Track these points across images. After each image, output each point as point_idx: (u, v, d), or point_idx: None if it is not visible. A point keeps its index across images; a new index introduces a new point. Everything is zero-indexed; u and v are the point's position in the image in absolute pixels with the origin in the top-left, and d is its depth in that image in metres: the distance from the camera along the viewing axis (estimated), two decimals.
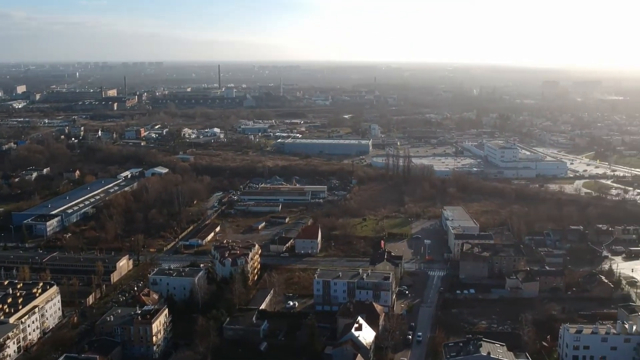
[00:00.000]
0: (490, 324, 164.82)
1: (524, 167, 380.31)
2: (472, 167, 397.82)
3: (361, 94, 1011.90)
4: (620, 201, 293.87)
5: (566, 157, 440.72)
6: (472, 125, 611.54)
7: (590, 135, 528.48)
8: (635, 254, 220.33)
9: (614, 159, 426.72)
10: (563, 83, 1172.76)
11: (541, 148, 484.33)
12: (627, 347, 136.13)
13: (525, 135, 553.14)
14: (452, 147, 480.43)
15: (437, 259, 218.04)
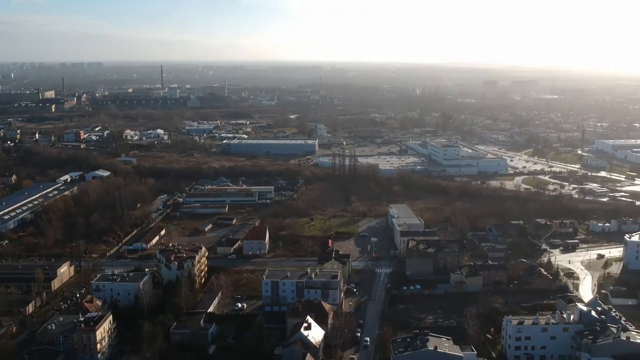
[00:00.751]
0: (436, 318, 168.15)
1: (466, 164, 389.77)
2: (416, 165, 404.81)
3: (307, 94, 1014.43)
4: (557, 196, 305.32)
5: (506, 154, 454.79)
6: (416, 125, 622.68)
7: (528, 133, 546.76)
8: (571, 247, 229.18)
9: (550, 155, 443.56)
10: (502, 83, 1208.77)
11: (482, 146, 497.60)
12: (566, 336, 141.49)
13: (467, 134, 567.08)
14: (396, 146, 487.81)
15: (384, 257, 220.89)
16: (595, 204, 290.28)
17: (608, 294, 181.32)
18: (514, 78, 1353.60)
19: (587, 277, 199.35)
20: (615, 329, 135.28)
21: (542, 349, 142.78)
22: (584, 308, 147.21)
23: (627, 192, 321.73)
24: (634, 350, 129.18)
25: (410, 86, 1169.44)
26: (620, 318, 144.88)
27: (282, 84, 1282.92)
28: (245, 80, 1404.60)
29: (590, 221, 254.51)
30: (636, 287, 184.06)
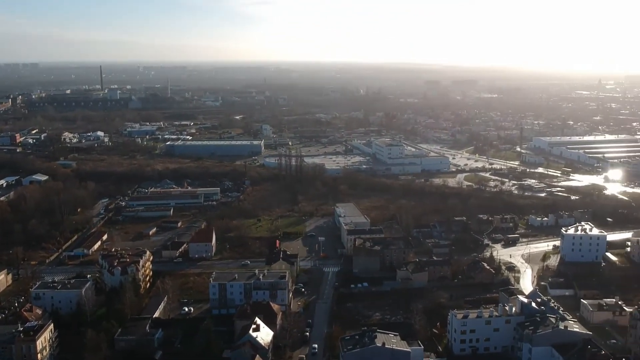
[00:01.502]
0: (383, 315, 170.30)
1: (410, 163, 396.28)
2: (362, 164, 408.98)
3: (251, 94, 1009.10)
4: (497, 192, 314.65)
5: (448, 152, 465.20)
6: (360, 124, 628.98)
7: (469, 132, 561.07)
8: (512, 241, 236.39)
9: (491, 153, 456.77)
10: (443, 82, 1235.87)
11: (425, 144, 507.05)
12: (508, 327, 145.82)
13: (410, 133, 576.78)
14: (342, 146, 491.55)
15: (332, 256, 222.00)
16: (533, 199, 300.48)
17: (547, 285, 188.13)
18: (455, 78, 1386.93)
19: (527, 270, 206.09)
20: (554, 319, 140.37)
21: (486, 341, 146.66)
22: (524, 300, 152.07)
23: (563, 187, 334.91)
24: (572, 338, 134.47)
25: (354, 86, 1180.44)
26: (558, 308, 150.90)
27: (226, 84, 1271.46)
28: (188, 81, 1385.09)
29: (529, 216, 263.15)
30: (573, 278, 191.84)
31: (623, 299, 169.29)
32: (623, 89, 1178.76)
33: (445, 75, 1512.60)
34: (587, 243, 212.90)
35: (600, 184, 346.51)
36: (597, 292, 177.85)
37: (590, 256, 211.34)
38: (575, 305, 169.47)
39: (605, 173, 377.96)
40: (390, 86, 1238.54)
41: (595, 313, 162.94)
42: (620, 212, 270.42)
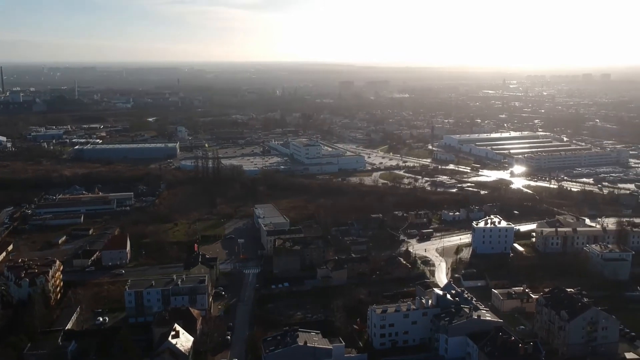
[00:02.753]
0: (305, 314, 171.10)
1: (327, 162, 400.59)
2: (280, 165, 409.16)
3: (165, 95, 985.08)
4: (411, 189, 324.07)
5: (364, 151, 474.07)
6: (277, 125, 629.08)
7: (383, 131, 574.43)
8: (426, 236, 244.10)
9: (404, 151, 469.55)
10: (357, 83, 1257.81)
11: (341, 144, 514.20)
12: (425, 320, 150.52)
13: (327, 133, 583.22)
14: (259, 147, 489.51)
15: (252, 257, 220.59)
16: (445, 195, 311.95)
17: (460, 277, 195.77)
18: (369, 78, 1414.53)
19: (442, 263, 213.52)
20: (468, 310, 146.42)
21: (404, 334, 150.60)
22: (440, 292, 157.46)
23: (472, 183, 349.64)
24: (484, 327, 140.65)
25: (271, 87, 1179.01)
26: (471, 299, 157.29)
27: (139, 85, 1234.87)
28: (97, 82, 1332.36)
29: (442, 211, 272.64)
30: (484, 270, 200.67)
31: (530, 287, 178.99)
32: (525, 88, 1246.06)
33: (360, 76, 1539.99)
34: (497, 235, 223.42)
35: (507, 179, 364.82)
36: (506, 282, 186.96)
37: (499, 248, 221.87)
38: (487, 295, 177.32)
39: (511, 168, 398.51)
40: (307, 87, 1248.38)
41: (505, 301, 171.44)
42: (525, 204, 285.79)
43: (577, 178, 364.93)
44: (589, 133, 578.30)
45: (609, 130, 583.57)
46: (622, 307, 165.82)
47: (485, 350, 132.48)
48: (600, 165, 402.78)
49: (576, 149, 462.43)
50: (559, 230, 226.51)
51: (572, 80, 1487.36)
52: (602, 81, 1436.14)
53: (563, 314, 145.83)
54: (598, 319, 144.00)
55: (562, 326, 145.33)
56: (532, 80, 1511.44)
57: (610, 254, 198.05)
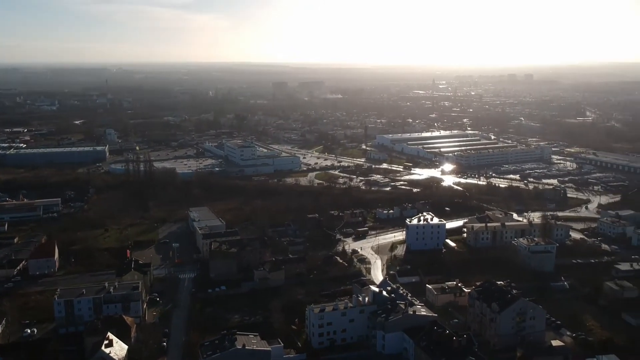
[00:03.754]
0: (243, 316, 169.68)
1: (262, 163, 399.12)
2: (214, 167, 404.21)
3: (92, 97, 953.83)
4: (346, 188, 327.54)
5: (299, 152, 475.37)
6: (211, 127, 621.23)
7: (318, 131, 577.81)
8: (362, 234, 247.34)
9: (339, 151, 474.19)
10: (291, 84, 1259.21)
11: (276, 145, 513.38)
12: (362, 317, 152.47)
13: (262, 134, 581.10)
14: (193, 149, 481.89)
15: (187, 261, 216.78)
16: (380, 194, 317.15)
17: (395, 274, 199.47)
18: (302, 79, 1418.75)
19: (377, 260, 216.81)
20: (403, 305, 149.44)
21: (343, 332, 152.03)
22: (376, 290, 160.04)
23: (405, 181, 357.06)
24: (420, 321, 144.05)
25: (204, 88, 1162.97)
26: (407, 295, 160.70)
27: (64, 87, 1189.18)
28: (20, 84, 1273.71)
29: (377, 209, 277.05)
30: (418, 266, 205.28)
31: (462, 281, 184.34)
32: (454, 88, 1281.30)
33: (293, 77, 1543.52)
34: (429, 232, 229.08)
35: (438, 177, 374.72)
36: (439, 277, 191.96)
37: (432, 244, 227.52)
38: (422, 291, 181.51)
39: (441, 166, 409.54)
40: (240, 88, 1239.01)
41: (439, 296, 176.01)
42: (456, 201, 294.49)
43: (504, 174, 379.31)
44: (515, 131, 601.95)
45: (533, 128, 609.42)
46: (547, 297, 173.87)
47: (421, 345, 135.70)
48: (525, 162, 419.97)
49: (503, 147, 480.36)
50: (489, 225, 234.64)
51: (498, 80, 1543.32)
52: (526, 81, 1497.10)
53: (494, 306, 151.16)
54: (526, 310, 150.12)
55: (493, 318, 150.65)
56: (461, 81, 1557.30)
57: (536, 247, 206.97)
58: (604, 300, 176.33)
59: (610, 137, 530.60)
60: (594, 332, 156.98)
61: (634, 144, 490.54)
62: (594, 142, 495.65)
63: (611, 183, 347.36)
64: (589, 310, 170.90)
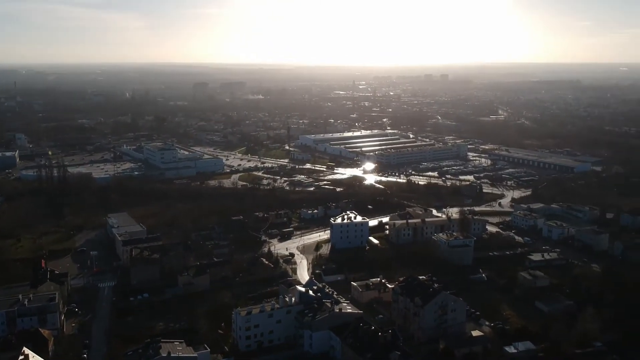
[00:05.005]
0: (167, 323, 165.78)
1: (184, 166, 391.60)
2: (134, 171, 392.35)
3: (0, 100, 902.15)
4: (271, 190, 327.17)
5: (221, 153, 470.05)
6: (129, 129, 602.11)
7: (240, 132, 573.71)
8: (287, 235, 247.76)
9: (262, 152, 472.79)
10: (212, 85, 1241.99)
11: (199, 147, 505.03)
12: (289, 317, 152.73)
13: (183, 136, 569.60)
14: (110, 153, 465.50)
15: (107, 269, 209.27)
16: (304, 194, 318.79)
17: (321, 273, 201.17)
18: (223, 80, 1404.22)
19: (303, 260, 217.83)
20: (329, 304, 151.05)
21: (270, 333, 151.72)
22: (302, 289, 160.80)
23: (328, 181, 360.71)
24: (346, 319, 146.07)
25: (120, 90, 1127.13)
26: (333, 293, 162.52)
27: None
28: None
29: (301, 209, 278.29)
30: (343, 264, 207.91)
31: (386, 277, 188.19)
32: (373, 88, 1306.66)
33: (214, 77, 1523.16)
34: (353, 230, 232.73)
35: (360, 176, 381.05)
36: (364, 274, 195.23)
37: (356, 242, 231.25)
38: (347, 288, 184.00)
39: (363, 165, 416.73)
40: (159, 89, 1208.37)
41: (364, 293, 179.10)
42: (378, 199, 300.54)
43: (423, 172, 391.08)
44: (432, 130, 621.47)
45: (449, 126, 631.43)
46: (467, 290, 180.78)
47: (348, 342, 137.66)
48: (443, 160, 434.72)
49: (421, 145, 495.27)
50: (410, 222, 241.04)
51: (415, 81, 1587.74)
52: (442, 81, 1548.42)
53: (417, 300, 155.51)
54: (447, 303, 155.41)
55: (417, 312, 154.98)
56: (380, 81, 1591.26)
57: (455, 241, 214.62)
58: (519, 290, 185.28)
59: (521, 134, 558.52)
60: (510, 321, 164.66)
61: (543, 140, 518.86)
62: (506, 139, 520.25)
63: (523, 178, 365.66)
64: (505, 300, 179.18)
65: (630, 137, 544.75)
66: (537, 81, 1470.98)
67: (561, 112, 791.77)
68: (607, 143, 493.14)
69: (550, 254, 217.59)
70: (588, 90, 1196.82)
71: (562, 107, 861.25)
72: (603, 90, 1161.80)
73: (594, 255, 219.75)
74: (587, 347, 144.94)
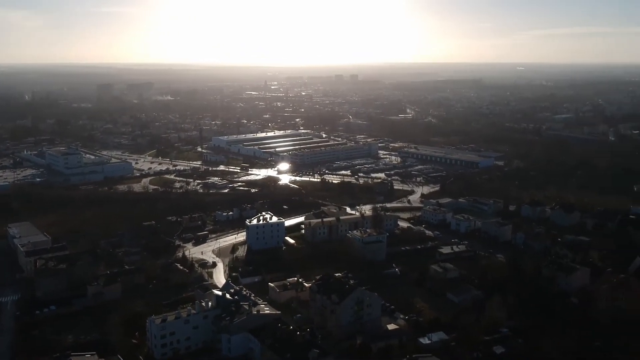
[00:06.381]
0: (77, 336, 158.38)
1: (90, 171, 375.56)
2: (35, 177, 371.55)
3: None
4: (184, 193, 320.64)
5: (130, 157, 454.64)
6: (29, 133, 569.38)
7: (150, 135, 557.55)
8: (202, 238, 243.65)
9: (173, 154, 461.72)
10: (118, 86, 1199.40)
11: (106, 151, 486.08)
12: (207, 322, 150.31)
13: (88, 140, 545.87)
14: (9, 159, 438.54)
15: (8, 283, 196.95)
16: (218, 196, 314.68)
17: (238, 275, 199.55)
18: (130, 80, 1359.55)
19: (219, 264, 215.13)
20: (247, 306, 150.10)
21: (187, 340, 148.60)
22: (219, 293, 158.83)
23: (243, 182, 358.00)
24: (264, 320, 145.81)
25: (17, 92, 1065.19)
26: (250, 295, 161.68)
27: None
28: None
29: (216, 212, 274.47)
30: (260, 265, 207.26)
31: (303, 276, 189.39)
32: (285, 88, 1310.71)
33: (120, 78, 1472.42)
34: (269, 231, 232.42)
35: (275, 176, 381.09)
36: (281, 274, 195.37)
37: (272, 242, 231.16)
38: (265, 289, 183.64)
39: (277, 166, 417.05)
40: (61, 90, 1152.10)
41: (282, 293, 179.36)
42: (293, 199, 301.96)
43: (336, 171, 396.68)
44: (344, 129, 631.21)
45: (360, 126, 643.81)
46: (381, 285, 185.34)
47: (266, 343, 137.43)
48: (355, 158, 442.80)
49: (334, 144, 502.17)
50: (325, 221, 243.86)
51: (326, 81, 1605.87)
52: (352, 81, 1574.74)
53: (333, 297, 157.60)
54: (363, 298, 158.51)
55: (334, 309, 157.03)
56: (292, 81, 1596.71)
57: (369, 238, 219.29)
58: (431, 283, 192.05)
59: (428, 132, 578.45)
60: (424, 313, 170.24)
61: (449, 137, 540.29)
62: (414, 137, 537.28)
63: (431, 174, 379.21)
64: (418, 293, 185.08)
65: (529, 133, 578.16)
66: (443, 80, 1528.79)
67: (465, 110, 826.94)
68: (508, 139, 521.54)
69: (458, 246, 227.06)
70: (489, 88, 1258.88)
71: (466, 105, 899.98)
72: (503, 89, 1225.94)
73: (498, 246, 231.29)
74: (495, 334, 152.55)
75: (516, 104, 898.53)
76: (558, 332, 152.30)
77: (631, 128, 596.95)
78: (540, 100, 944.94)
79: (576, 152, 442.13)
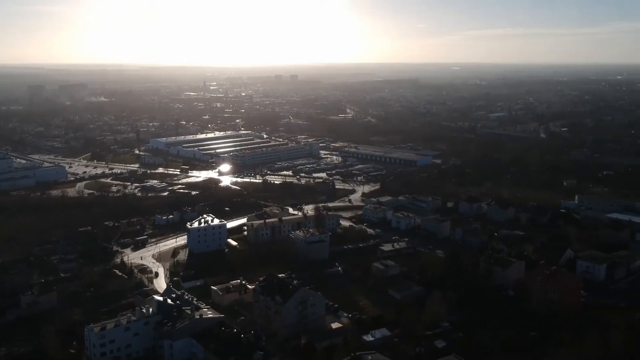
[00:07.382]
0: (10, 348, 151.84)
1: (21, 176, 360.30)
2: None
3: None
4: (121, 197, 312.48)
5: (64, 161, 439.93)
6: None
7: (84, 137, 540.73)
8: (141, 243, 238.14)
9: (110, 157, 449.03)
10: (49, 87, 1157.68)
11: (37, 155, 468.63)
12: (148, 329, 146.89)
13: (18, 143, 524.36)
14: None
15: None
16: (157, 199, 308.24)
17: (180, 280, 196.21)
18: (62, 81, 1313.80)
19: (160, 268, 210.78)
20: (189, 311, 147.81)
21: (127, 347, 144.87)
22: (160, 298, 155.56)
23: (183, 184, 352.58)
24: (208, 324, 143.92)
25: None
26: (192, 299, 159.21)
27: None
28: None
29: (155, 216, 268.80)
30: (202, 268, 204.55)
31: (246, 278, 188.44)
32: (225, 89, 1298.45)
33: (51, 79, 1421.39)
34: (211, 233, 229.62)
35: (216, 178, 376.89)
36: (224, 277, 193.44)
37: (214, 245, 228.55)
38: (207, 293, 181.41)
39: (218, 167, 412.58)
40: None
41: (225, 296, 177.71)
42: (235, 200, 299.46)
43: (278, 171, 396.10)
44: (285, 129, 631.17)
45: (301, 126, 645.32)
46: (325, 283, 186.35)
47: (210, 347, 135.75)
48: (296, 158, 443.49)
49: (275, 145, 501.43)
50: (267, 222, 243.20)
51: (266, 81, 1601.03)
52: (291, 81, 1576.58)
53: (277, 298, 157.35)
54: (307, 298, 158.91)
55: (278, 310, 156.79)
56: (231, 82, 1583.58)
57: (312, 238, 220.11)
58: (373, 280, 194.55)
59: (368, 132, 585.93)
60: (367, 311, 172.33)
61: (388, 136, 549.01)
62: (355, 137, 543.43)
63: (371, 173, 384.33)
64: (361, 291, 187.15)
65: (465, 131, 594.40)
66: (381, 80, 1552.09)
67: (403, 109, 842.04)
68: (445, 137, 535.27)
69: (399, 243, 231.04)
70: (426, 88, 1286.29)
71: (404, 104, 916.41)
72: (439, 89, 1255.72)
73: (438, 242, 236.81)
74: (436, 328, 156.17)
75: (452, 103, 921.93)
76: (496, 324, 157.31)
77: (560, 126, 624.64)
78: (475, 99, 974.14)
79: (510, 150, 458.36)
